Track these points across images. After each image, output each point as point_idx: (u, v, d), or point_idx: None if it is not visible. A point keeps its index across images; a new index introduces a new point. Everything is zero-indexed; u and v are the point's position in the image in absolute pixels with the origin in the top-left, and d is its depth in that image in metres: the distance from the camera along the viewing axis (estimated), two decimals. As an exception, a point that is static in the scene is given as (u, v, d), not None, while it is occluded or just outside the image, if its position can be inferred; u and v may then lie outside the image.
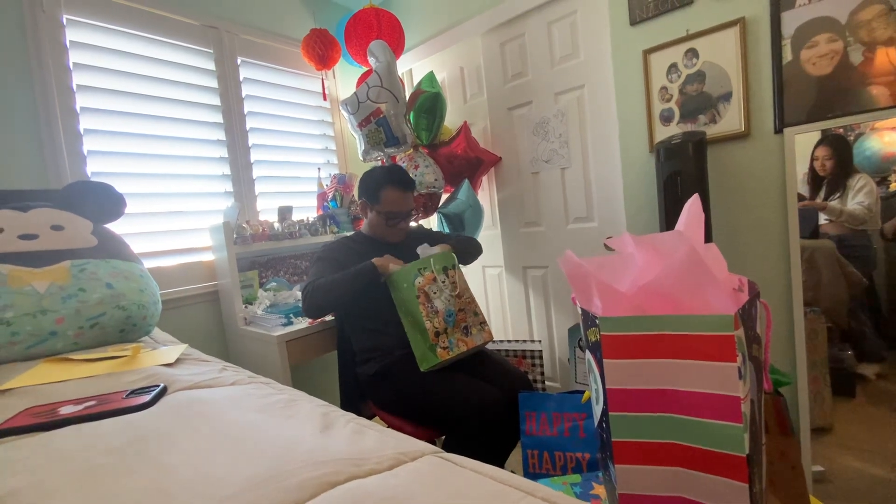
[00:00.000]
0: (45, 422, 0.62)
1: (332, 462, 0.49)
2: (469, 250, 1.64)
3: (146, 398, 0.68)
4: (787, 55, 1.28)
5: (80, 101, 1.54)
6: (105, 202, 1.32)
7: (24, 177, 1.43)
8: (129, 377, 0.82)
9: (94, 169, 1.57)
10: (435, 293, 1.31)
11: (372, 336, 1.42)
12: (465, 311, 1.36)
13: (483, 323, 1.41)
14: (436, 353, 1.25)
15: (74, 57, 1.54)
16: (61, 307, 1.01)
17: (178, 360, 0.94)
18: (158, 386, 0.74)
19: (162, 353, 0.97)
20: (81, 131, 1.54)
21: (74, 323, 1.02)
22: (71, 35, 1.54)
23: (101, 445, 0.55)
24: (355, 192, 2.15)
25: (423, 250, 1.43)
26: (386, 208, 1.45)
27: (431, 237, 1.65)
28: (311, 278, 1.39)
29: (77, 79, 1.54)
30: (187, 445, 0.54)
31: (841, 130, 1.27)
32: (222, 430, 0.59)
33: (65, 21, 1.52)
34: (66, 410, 0.66)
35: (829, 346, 1.33)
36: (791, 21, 1.27)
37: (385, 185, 1.44)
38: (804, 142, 1.29)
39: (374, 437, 0.57)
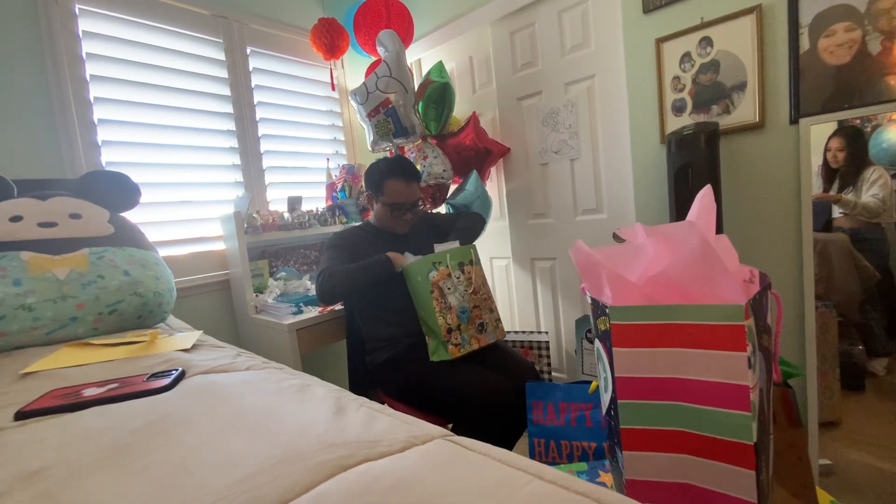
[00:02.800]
0: (70, 403, 0.65)
1: (345, 444, 0.50)
2: (474, 229, 1.65)
3: (166, 381, 0.71)
4: (805, 44, 1.26)
5: (94, 91, 1.56)
6: (121, 191, 1.34)
7: (40, 166, 1.45)
8: (148, 361, 0.84)
9: (108, 158, 1.59)
10: (449, 289, 1.30)
11: (381, 325, 1.44)
12: (481, 308, 1.35)
13: (498, 320, 1.41)
14: (447, 349, 1.26)
15: (87, 47, 1.55)
16: (81, 293, 1.03)
17: (194, 346, 0.97)
18: (177, 370, 0.76)
19: (179, 339, 1.00)
20: (95, 121, 1.56)
21: (94, 309, 1.05)
22: (83, 25, 1.55)
23: (124, 426, 0.57)
24: (363, 183, 2.16)
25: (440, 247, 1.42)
26: (390, 199, 1.45)
27: (435, 221, 1.66)
28: (324, 265, 1.40)
29: (90, 69, 1.56)
30: (206, 427, 0.56)
31: (858, 121, 1.25)
32: (239, 412, 0.61)
33: (77, 11, 1.54)
34: (89, 392, 0.68)
35: (839, 340, 1.32)
36: (809, 9, 1.24)
37: (388, 176, 1.44)
38: (820, 133, 1.27)
39: (385, 420, 0.59)
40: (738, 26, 1.35)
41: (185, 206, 1.79)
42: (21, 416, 0.63)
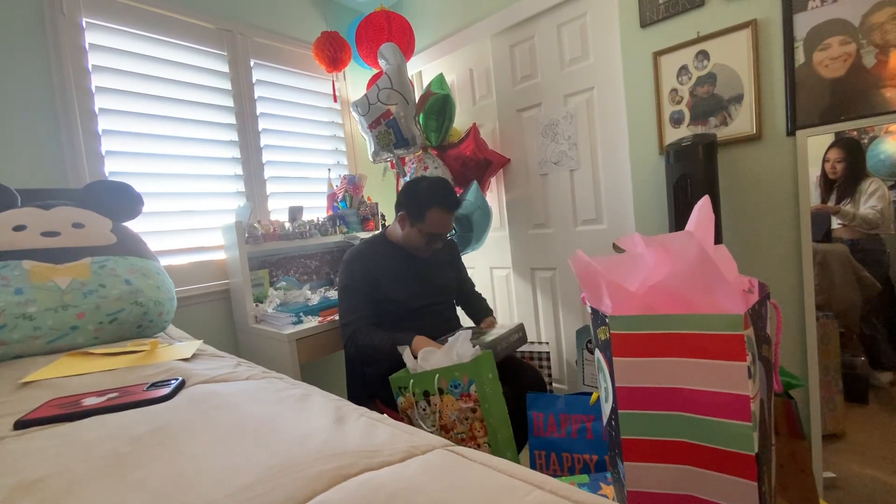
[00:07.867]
0: (70, 412, 0.64)
1: (346, 454, 0.50)
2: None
3: (166, 391, 0.70)
4: (800, 57, 1.28)
5: (99, 102, 1.58)
6: (124, 201, 1.35)
7: (44, 176, 1.47)
8: (148, 371, 0.84)
9: (112, 169, 1.60)
10: (417, 419, 1.10)
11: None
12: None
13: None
14: None
15: (93, 59, 1.58)
16: (82, 302, 1.03)
17: (194, 356, 0.96)
18: (177, 379, 0.76)
19: (179, 349, 1.00)
20: (100, 132, 1.58)
21: (95, 318, 1.05)
22: (90, 38, 1.57)
23: (124, 435, 0.57)
24: (364, 193, 2.17)
25: (462, 344, 1.11)
26: (429, 229, 1.37)
27: (456, 264, 1.65)
28: (347, 315, 1.37)
29: (96, 80, 1.58)
30: (206, 436, 0.56)
31: (854, 133, 1.26)
32: (239, 422, 0.60)
33: (84, 24, 1.56)
34: (89, 402, 0.68)
35: (841, 352, 1.31)
36: (803, 23, 1.26)
37: (432, 205, 1.35)
38: (817, 144, 1.29)
39: (386, 430, 0.58)
40: (734, 40, 1.37)
41: (186, 216, 1.79)
42: (20, 425, 0.62)
